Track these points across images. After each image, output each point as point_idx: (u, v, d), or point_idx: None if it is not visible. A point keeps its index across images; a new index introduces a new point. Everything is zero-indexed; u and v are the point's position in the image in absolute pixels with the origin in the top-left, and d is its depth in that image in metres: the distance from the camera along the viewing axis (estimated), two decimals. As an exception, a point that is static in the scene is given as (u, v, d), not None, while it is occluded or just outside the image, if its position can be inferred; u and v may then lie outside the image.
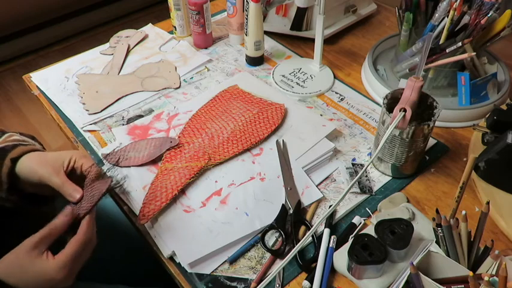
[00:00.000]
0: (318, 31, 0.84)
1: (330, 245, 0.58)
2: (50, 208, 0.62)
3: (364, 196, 0.66)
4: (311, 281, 0.55)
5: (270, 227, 0.61)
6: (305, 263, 0.57)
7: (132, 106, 0.83)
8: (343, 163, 0.70)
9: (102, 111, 0.81)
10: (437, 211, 0.51)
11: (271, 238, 0.61)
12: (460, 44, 0.72)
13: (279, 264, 0.53)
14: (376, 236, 0.53)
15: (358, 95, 0.85)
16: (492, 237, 0.57)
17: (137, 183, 0.67)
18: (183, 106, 0.81)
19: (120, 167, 0.70)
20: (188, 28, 1.00)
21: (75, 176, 0.56)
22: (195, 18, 0.92)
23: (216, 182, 0.67)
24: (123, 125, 0.79)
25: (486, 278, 0.42)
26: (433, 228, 0.52)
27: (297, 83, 0.87)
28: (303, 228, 0.62)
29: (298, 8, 0.93)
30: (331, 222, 0.62)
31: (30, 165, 0.55)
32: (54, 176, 0.54)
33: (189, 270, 0.57)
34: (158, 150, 0.71)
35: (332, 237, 0.58)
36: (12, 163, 0.56)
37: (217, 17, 1.10)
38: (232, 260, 0.58)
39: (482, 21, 0.71)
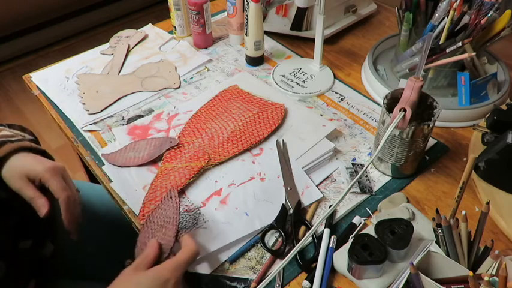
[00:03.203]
0: (318, 31, 0.84)
1: (330, 245, 0.58)
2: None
3: (364, 196, 0.66)
4: (311, 281, 0.55)
5: (270, 227, 0.61)
6: (305, 263, 0.57)
7: (132, 106, 0.83)
8: (343, 163, 0.70)
9: (102, 111, 0.81)
10: (437, 211, 0.51)
11: (271, 238, 0.61)
12: (460, 44, 0.72)
13: (279, 264, 0.53)
14: (376, 236, 0.53)
15: (358, 95, 0.85)
16: (492, 237, 0.57)
17: (137, 183, 0.67)
18: (183, 106, 0.81)
19: (120, 167, 0.70)
20: (188, 28, 1.00)
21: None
22: (195, 18, 0.92)
23: (216, 182, 0.67)
24: (123, 125, 0.79)
25: (486, 278, 0.42)
26: (433, 228, 0.52)
27: (297, 83, 0.87)
28: (303, 228, 0.62)
29: (298, 8, 0.93)
30: (331, 222, 0.62)
31: (9, 176, 0.58)
32: (25, 188, 0.57)
33: (189, 270, 0.57)
34: (158, 150, 0.71)
35: (332, 237, 0.58)
36: None
37: (217, 17, 1.10)
38: (232, 260, 0.58)
39: (482, 21, 0.71)
